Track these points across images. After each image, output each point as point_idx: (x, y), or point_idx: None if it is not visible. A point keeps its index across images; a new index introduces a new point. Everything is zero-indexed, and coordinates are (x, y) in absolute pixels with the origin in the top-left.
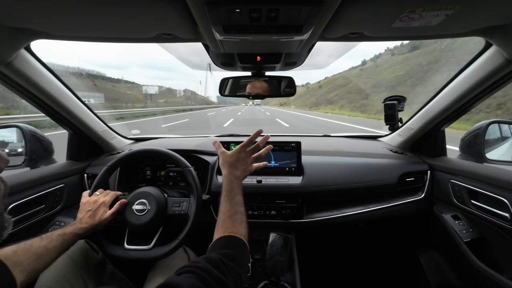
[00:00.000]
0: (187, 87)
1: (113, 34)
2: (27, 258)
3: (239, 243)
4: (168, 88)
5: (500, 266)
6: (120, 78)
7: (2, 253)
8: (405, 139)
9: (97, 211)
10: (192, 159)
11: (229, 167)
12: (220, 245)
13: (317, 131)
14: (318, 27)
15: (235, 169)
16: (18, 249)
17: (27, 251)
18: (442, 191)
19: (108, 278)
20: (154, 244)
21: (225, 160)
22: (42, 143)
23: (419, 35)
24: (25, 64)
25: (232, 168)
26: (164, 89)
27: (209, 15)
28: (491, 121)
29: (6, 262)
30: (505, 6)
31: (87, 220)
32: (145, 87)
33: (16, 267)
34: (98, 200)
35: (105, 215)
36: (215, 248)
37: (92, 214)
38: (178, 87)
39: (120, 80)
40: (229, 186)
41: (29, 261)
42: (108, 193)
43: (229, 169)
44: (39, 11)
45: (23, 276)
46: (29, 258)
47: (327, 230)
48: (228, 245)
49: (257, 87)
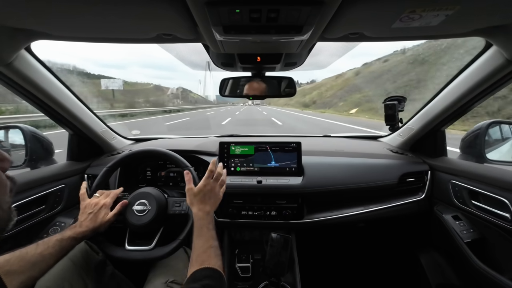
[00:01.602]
0: (188, 87)
1: (113, 35)
2: (21, 267)
3: (218, 275)
4: (156, 85)
5: (500, 266)
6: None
7: None
8: (405, 140)
9: (98, 214)
10: (192, 159)
11: (198, 204)
12: (199, 277)
13: (308, 128)
14: (318, 27)
15: (205, 205)
16: (12, 257)
17: (21, 259)
18: (443, 191)
19: (108, 279)
20: (155, 244)
21: (192, 199)
22: (43, 144)
23: (420, 35)
24: (25, 64)
25: (202, 204)
26: (151, 87)
27: (209, 16)
28: (492, 121)
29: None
30: (505, 6)
31: (88, 224)
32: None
33: (9, 276)
34: (99, 202)
35: (106, 217)
36: (195, 280)
37: (93, 217)
38: (176, 86)
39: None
40: (200, 223)
41: (23, 269)
42: (108, 193)
43: (199, 206)
44: (39, 12)
45: (16, 285)
46: (23, 266)
47: (327, 231)
48: (207, 276)
49: (257, 87)
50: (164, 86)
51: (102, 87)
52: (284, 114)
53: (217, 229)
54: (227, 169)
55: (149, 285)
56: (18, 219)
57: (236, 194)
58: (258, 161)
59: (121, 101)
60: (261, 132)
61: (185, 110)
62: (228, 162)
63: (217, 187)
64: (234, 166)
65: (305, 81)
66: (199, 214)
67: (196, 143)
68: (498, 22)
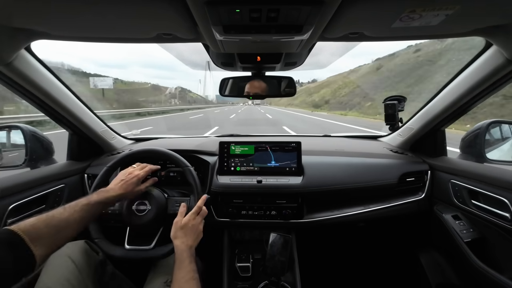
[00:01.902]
0: (188, 86)
1: (113, 34)
2: (47, 232)
3: None
4: (154, 84)
5: (500, 266)
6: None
7: (22, 227)
8: (405, 139)
9: (129, 182)
10: (192, 159)
11: (182, 238)
12: None
13: (299, 124)
14: (318, 27)
15: (188, 238)
16: (38, 222)
17: (47, 225)
18: (443, 191)
19: (109, 279)
20: (155, 244)
21: (177, 232)
22: (43, 143)
23: (420, 35)
24: (25, 64)
25: (185, 238)
26: (149, 86)
27: (209, 15)
28: (492, 121)
29: (24, 237)
30: (505, 6)
31: (117, 190)
32: (93, 79)
33: (35, 242)
34: (133, 172)
35: (136, 188)
36: None
37: (123, 184)
38: (175, 86)
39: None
40: (182, 256)
41: (49, 235)
42: (144, 166)
43: (182, 239)
44: (39, 11)
45: (43, 251)
46: (49, 232)
47: (327, 230)
48: None
49: (257, 87)
50: (162, 86)
51: (91, 85)
52: (295, 117)
53: (217, 229)
54: (227, 169)
55: (149, 284)
56: (18, 218)
57: (236, 193)
58: (258, 160)
59: (113, 101)
60: (264, 133)
61: (184, 110)
62: (228, 162)
63: (201, 224)
64: (234, 166)
65: (306, 81)
66: (181, 247)
67: (196, 142)
68: (498, 21)
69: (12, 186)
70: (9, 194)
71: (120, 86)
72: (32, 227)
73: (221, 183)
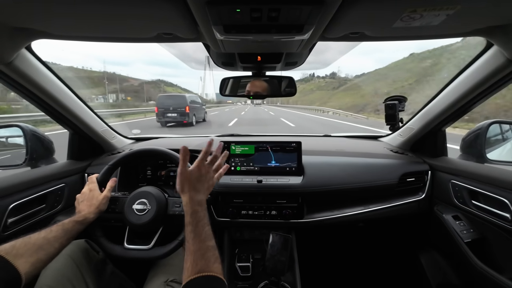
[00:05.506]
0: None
1: (113, 34)
2: (28, 250)
3: (221, 284)
4: (154, 81)
5: (500, 266)
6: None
7: (2, 249)
8: (405, 139)
9: (90, 198)
10: (192, 158)
11: (190, 191)
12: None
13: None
14: (318, 27)
15: (197, 191)
16: (16, 243)
17: (26, 244)
18: (443, 191)
19: (109, 278)
20: (154, 244)
21: (184, 183)
22: (43, 143)
23: (421, 35)
24: (26, 63)
25: (193, 191)
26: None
27: (210, 15)
28: (492, 121)
29: (6, 256)
30: (506, 6)
31: (84, 208)
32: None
33: (17, 259)
34: (85, 191)
35: (100, 197)
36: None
37: (86, 202)
38: (177, 84)
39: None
40: (194, 218)
41: (30, 252)
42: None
43: (190, 193)
44: (39, 11)
45: (27, 267)
46: (29, 250)
47: (327, 230)
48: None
49: (257, 87)
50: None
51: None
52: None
53: (217, 229)
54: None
55: (149, 284)
56: (18, 218)
57: (236, 193)
58: (258, 160)
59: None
60: (265, 132)
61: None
62: (228, 162)
63: (211, 172)
64: (234, 166)
65: (323, 74)
66: (192, 205)
67: (196, 142)
68: (498, 21)
69: (12, 185)
70: (9, 193)
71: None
72: (12, 247)
73: (221, 183)
